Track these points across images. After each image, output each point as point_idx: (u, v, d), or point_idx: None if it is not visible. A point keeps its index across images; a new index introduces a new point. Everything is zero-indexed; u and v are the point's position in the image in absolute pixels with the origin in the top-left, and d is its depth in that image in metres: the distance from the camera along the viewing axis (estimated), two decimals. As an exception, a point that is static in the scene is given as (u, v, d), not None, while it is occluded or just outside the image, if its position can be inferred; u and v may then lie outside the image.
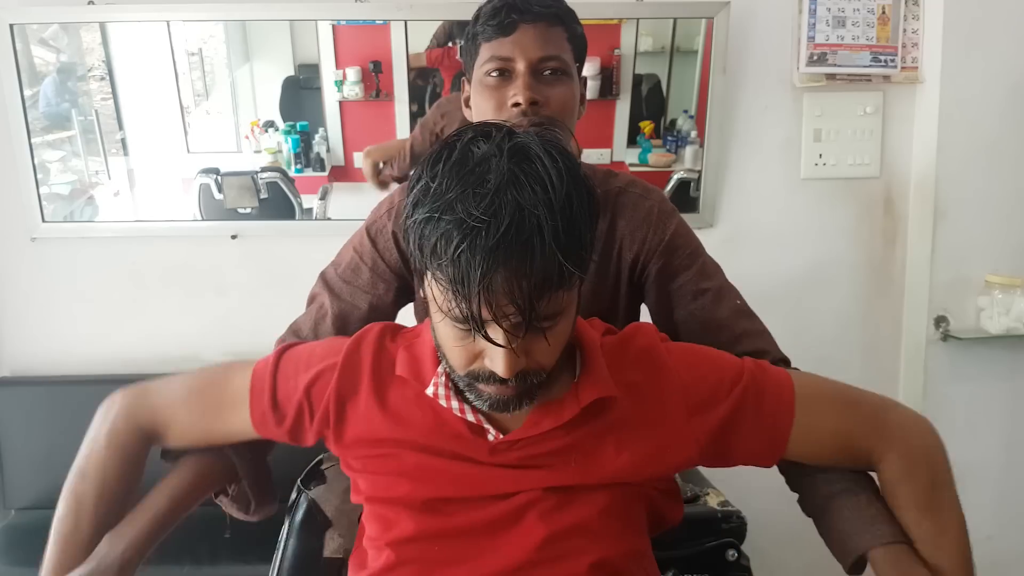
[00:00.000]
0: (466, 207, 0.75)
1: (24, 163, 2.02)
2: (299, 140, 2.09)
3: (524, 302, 0.76)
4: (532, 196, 0.75)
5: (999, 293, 2.05)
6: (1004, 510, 2.23)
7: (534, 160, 0.78)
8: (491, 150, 0.78)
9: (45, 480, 2.09)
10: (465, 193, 0.76)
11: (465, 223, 0.74)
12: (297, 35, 2.07)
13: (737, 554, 1.75)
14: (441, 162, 0.79)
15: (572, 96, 1.13)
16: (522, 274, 0.75)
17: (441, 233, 0.76)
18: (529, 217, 0.75)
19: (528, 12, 1.08)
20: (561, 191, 0.77)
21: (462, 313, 0.77)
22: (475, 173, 0.77)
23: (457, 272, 0.75)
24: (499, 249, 0.74)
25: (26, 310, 2.12)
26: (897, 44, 2.05)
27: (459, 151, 0.79)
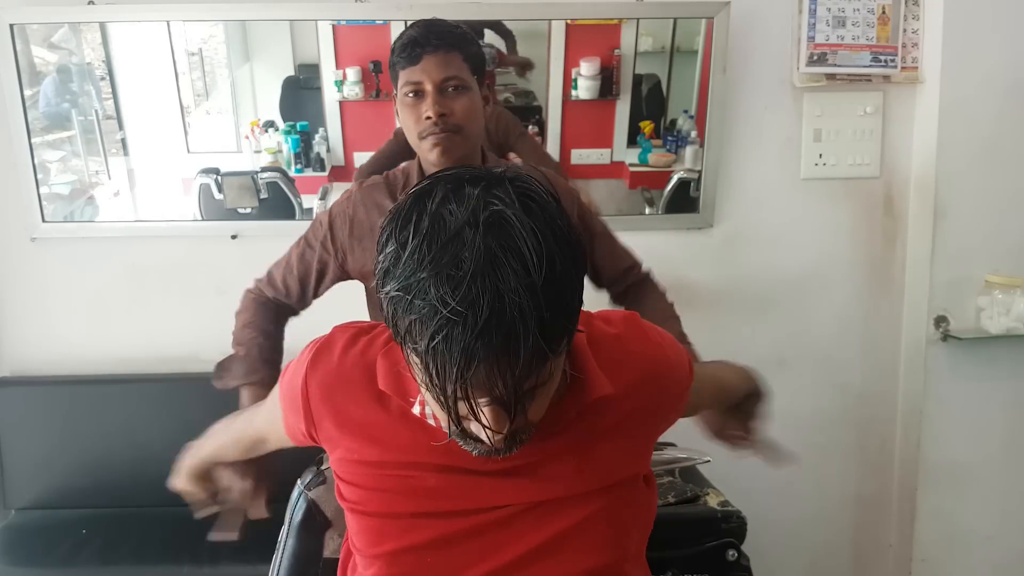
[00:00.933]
0: (440, 293, 0.69)
1: (24, 163, 2.02)
2: (299, 140, 2.09)
3: (507, 391, 0.71)
4: (512, 278, 0.69)
5: (999, 293, 2.05)
6: (1004, 510, 2.23)
7: (511, 228, 0.71)
8: (465, 217, 0.71)
9: (45, 480, 2.10)
10: (439, 276, 0.69)
11: (440, 313, 0.69)
12: (297, 35, 2.07)
13: (737, 554, 1.75)
14: (412, 227, 0.73)
15: (473, 104, 1.40)
16: (504, 367, 0.70)
17: (415, 319, 0.71)
18: (510, 306, 0.69)
19: (429, 44, 1.37)
20: (543, 264, 0.70)
21: (440, 405, 0.74)
22: (448, 250, 0.70)
23: (432, 365, 0.71)
24: (477, 344, 0.68)
25: (26, 310, 2.12)
26: (897, 44, 2.05)
27: (430, 217, 0.72)
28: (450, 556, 0.90)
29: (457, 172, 0.77)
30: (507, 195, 0.73)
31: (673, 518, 1.69)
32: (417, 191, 0.76)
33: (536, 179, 0.77)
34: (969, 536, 2.23)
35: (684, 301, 2.20)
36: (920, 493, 2.21)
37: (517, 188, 0.74)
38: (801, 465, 2.23)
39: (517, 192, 0.73)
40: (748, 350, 2.21)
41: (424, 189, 0.76)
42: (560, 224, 0.74)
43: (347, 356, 0.93)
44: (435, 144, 1.38)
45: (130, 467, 2.08)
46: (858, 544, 2.34)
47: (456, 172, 0.77)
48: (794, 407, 2.24)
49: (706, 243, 2.15)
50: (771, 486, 2.24)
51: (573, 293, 0.75)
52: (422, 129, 1.38)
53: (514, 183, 0.75)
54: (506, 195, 0.73)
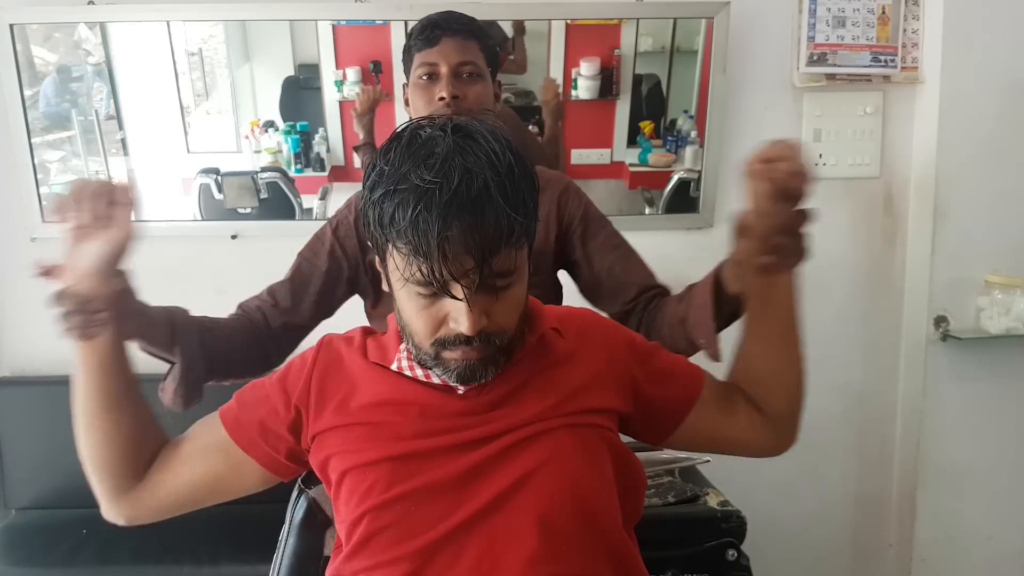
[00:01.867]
0: (419, 174, 0.83)
1: (24, 163, 2.02)
2: (299, 140, 2.09)
3: (479, 254, 0.83)
4: (477, 160, 0.84)
5: (999, 293, 2.05)
6: (1004, 510, 2.23)
7: (477, 137, 0.87)
8: (436, 132, 0.87)
9: (45, 480, 2.10)
10: (416, 164, 0.84)
11: (419, 188, 0.82)
12: (297, 35, 2.07)
13: (737, 554, 1.75)
14: (392, 148, 0.88)
15: (486, 93, 1.42)
16: (475, 228, 0.82)
17: (398, 202, 0.84)
18: (476, 177, 0.83)
19: (448, 28, 1.39)
20: (504, 160, 0.85)
21: (423, 275, 0.84)
22: (424, 147, 0.85)
23: (415, 234, 0.82)
24: (452, 206, 0.82)
25: (26, 310, 2.12)
26: (897, 44, 2.06)
27: (408, 135, 0.88)
28: (434, 502, 0.92)
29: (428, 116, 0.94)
30: (472, 120, 0.90)
31: (673, 518, 1.70)
32: (394, 131, 0.90)
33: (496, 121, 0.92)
34: (969, 536, 2.23)
35: (684, 301, 2.21)
36: (920, 493, 2.21)
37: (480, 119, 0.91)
38: (801, 462, 2.25)
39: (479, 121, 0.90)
40: (748, 350, 2.21)
41: (400, 128, 0.90)
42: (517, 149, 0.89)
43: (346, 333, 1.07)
44: None
45: None
46: (858, 544, 2.34)
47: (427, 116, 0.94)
48: (794, 407, 2.24)
49: (706, 243, 2.15)
50: (771, 486, 2.24)
51: (529, 193, 0.88)
52: (433, 110, 1.35)
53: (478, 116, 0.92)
54: (471, 120, 0.90)
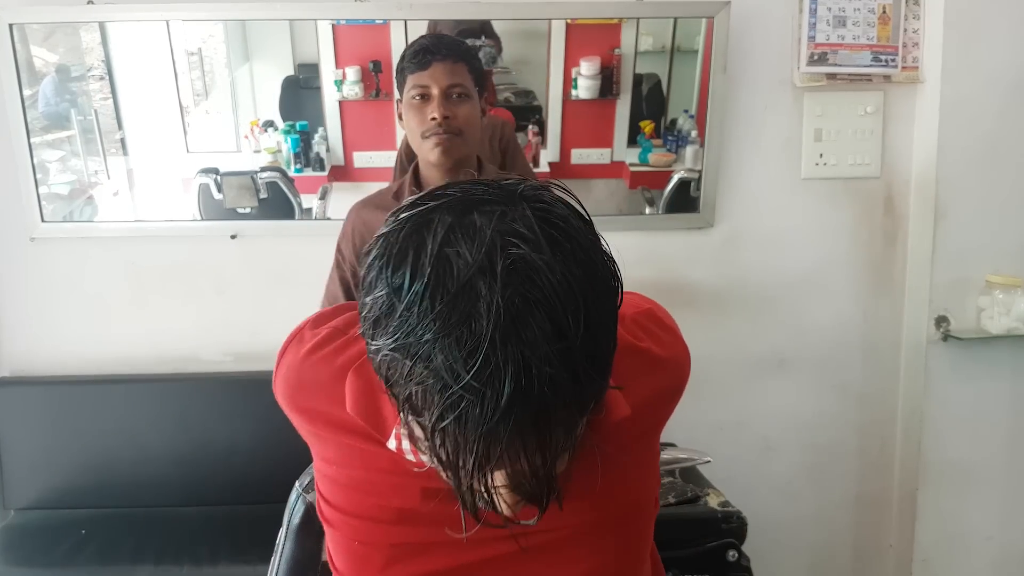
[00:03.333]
0: (450, 363, 0.56)
1: (23, 163, 2.02)
2: (299, 140, 2.09)
3: (535, 480, 0.60)
4: (541, 341, 0.56)
5: (1000, 293, 2.04)
6: (1005, 510, 2.23)
7: (537, 275, 0.57)
8: (478, 261, 0.57)
9: (45, 480, 2.10)
10: (448, 339, 0.56)
11: (450, 388, 0.56)
12: (297, 35, 2.07)
13: (737, 554, 1.75)
14: (408, 269, 0.58)
15: (474, 112, 1.54)
16: (533, 451, 0.58)
17: (418, 389, 0.58)
18: (540, 378, 0.56)
19: (439, 53, 1.51)
20: (579, 319, 0.57)
21: (447, 479, 0.62)
22: (459, 306, 0.56)
23: (442, 446, 0.59)
24: (499, 427, 0.56)
25: (25, 310, 2.12)
26: (898, 44, 2.05)
27: (433, 259, 0.58)
28: None
29: (461, 191, 0.63)
30: (527, 226, 0.59)
31: (673, 518, 1.70)
32: (412, 218, 0.61)
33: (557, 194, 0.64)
34: (970, 536, 2.23)
35: (684, 301, 2.21)
36: (921, 493, 2.20)
37: (538, 213, 0.60)
38: (802, 462, 2.25)
39: (539, 219, 0.60)
40: (748, 350, 2.21)
41: (421, 216, 0.61)
42: (594, 257, 0.61)
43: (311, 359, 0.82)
44: (437, 143, 1.50)
45: (130, 467, 2.08)
46: (858, 544, 2.33)
47: (459, 191, 0.63)
48: (794, 407, 2.25)
49: (706, 243, 2.15)
50: (771, 486, 2.24)
51: (610, 345, 0.62)
52: (426, 129, 1.50)
53: (533, 205, 0.61)
54: (526, 226, 0.59)
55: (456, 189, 0.64)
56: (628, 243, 2.13)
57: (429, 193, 0.64)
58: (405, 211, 0.63)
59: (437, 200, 0.62)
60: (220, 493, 2.06)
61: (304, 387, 0.82)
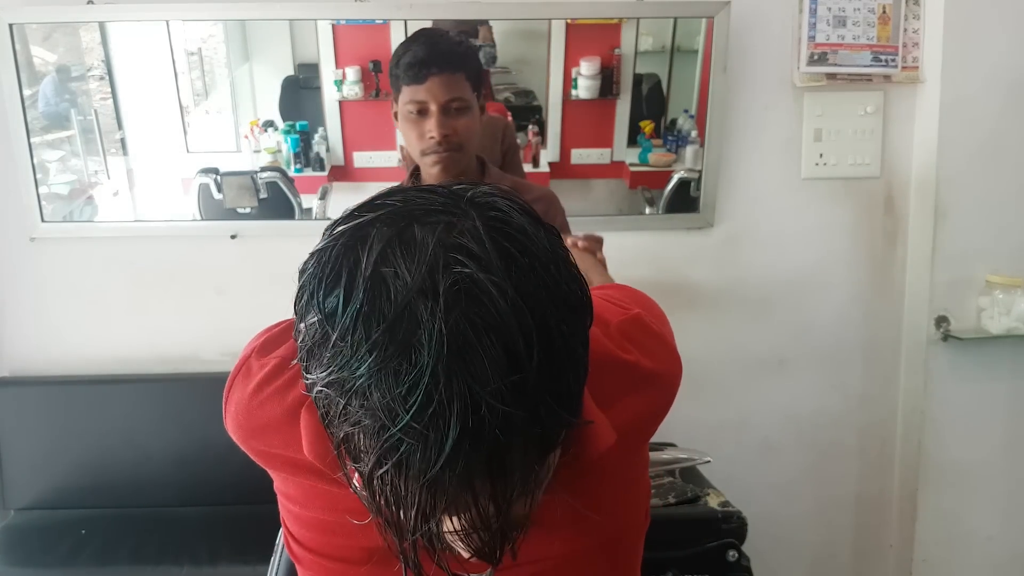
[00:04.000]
0: (387, 401, 0.48)
1: (23, 163, 2.02)
2: (298, 140, 2.09)
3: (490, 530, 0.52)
4: (492, 373, 0.48)
5: (1000, 293, 2.04)
6: (1005, 510, 2.23)
7: (486, 295, 0.49)
8: (418, 281, 0.49)
9: (45, 480, 2.09)
10: (384, 373, 0.48)
11: (388, 431, 0.48)
12: (297, 35, 2.07)
13: (737, 554, 1.75)
14: (340, 291, 0.51)
15: (474, 123, 1.47)
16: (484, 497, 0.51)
17: (354, 431, 0.51)
18: (490, 416, 0.48)
19: (435, 65, 1.40)
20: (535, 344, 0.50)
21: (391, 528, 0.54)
22: (396, 334, 0.49)
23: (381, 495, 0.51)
24: (444, 476, 0.49)
25: (25, 310, 2.12)
26: (898, 44, 2.05)
27: (368, 279, 0.50)
28: None
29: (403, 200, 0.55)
30: (475, 238, 0.51)
31: (673, 518, 1.70)
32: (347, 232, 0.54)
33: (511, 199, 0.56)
34: (970, 536, 2.23)
35: (685, 301, 2.21)
36: (921, 493, 2.20)
37: (490, 223, 0.53)
38: (802, 462, 2.25)
39: (490, 230, 0.52)
40: (748, 350, 2.21)
41: (357, 230, 0.53)
42: (557, 273, 0.53)
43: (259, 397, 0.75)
44: (436, 162, 1.45)
45: (129, 467, 2.08)
46: (859, 545, 2.33)
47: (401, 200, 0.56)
48: (794, 407, 2.24)
49: (706, 243, 2.15)
50: (772, 486, 2.24)
51: (578, 374, 0.54)
52: (425, 147, 1.45)
53: (484, 214, 0.53)
54: (474, 239, 0.51)
55: (398, 198, 0.56)
56: (628, 243, 2.13)
57: (368, 202, 0.56)
58: (340, 224, 0.55)
59: (376, 211, 0.54)
60: (220, 493, 2.06)
61: (256, 430, 0.75)
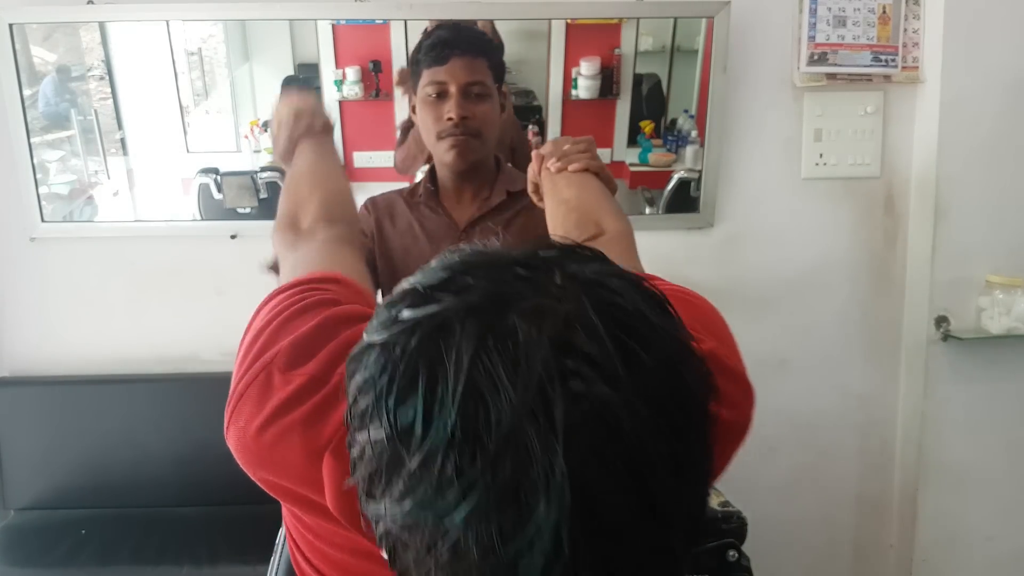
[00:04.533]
0: (493, 561, 0.38)
1: (23, 163, 2.02)
2: (298, 140, 2.09)
3: None
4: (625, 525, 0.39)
5: (1000, 293, 2.04)
6: (1006, 511, 2.23)
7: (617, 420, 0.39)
8: (528, 403, 0.38)
9: (44, 480, 2.09)
10: (484, 526, 0.38)
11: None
12: (297, 35, 2.07)
13: (737, 554, 1.75)
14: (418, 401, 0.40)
15: (493, 110, 1.44)
16: None
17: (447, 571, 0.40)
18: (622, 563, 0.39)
19: (458, 47, 1.39)
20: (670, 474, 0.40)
21: None
22: (501, 476, 0.38)
23: None
24: None
25: (25, 310, 2.12)
26: (898, 44, 2.05)
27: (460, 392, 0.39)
28: None
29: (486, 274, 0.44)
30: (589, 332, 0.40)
31: (673, 519, 1.69)
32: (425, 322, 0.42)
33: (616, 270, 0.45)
34: (970, 537, 2.23)
35: (684, 301, 2.21)
36: (921, 494, 2.20)
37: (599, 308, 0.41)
38: (802, 463, 2.25)
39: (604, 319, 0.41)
40: (748, 350, 2.19)
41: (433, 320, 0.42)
42: (685, 372, 0.43)
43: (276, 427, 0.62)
44: (452, 145, 1.41)
45: (129, 467, 2.08)
46: (859, 545, 2.33)
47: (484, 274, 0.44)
48: (795, 408, 2.24)
49: (706, 243, 2.15)
50: (772, 487, 2.24)
51: (706, 501, 0.45)
52: (442, 129, 1.41)
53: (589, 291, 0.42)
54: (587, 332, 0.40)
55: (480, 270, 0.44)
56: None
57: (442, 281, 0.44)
58: (407, 308, 0.43)
59: (456, 294, 0.43)
60: (220, 493, 2.05)
61: (268, 462, 0.64)
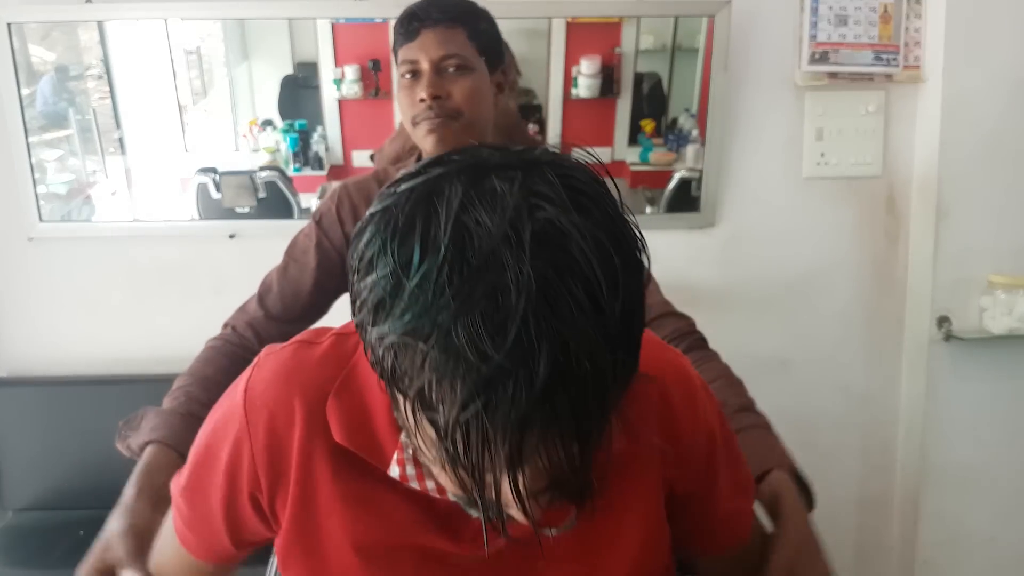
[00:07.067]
0: (475, 343, 0.48)
1: (21, 162, 2.01)
2: (297, 139, 2.08)
3: (566, 475, 0.53)
4: (579, 316, 0.49)
5: (1002, 293, 2.04)
6: (1008, 511, 2.22)
7: (570, 243, 0.51)
8: (501, 230, 0.50)
9: (44, 481, 2.09)
10: (470, 318, 0.48)
11: (476, 371, 0.48)
12: (296, 33, 2.06)
13: (738, 556, 1.74)
14: (418, 240, 0.51)
15: (476, 87, 1.25)
16: (570, 440, 0.51)
17: (433, 378, 0.50)
18: (577, 356, 0.49)
19: (428, 19, 1.23)
20: (616, 291, 0.51)
21: (465, 496, 0.57)
22: (483, 279, 0.49)
23: (462, 442, 0.50)
24: (536, 415, 0.49)
25: (23, 310, 2.11)
26: (899, 43, 2.04)
27: (450, 227, 0.51)
28: None
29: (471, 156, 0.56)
30: (553, 191, 0.53)
31: (674, 520, 1.68)
32: (418, 187, 0.54)
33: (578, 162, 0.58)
34: (972, 537, 2.22)
35: (685, 301, 2.20)
36: (923, 494, 2.20)
37: (562, 178, 0.54)
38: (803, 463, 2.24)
39: (563, 183, 0.53)
40: (750, 350, 2.20)
41: (430, 183, 0.54)
42: (622, 226, 0.55)
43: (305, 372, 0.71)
44: (429, 131, 1.24)
45: (129, 468, 2.04)
46: (860, 545, 2.33)
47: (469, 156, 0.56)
48: (796, 408, 2.23)
49: (707, 243, 2.14)
50: (772, 487, 2.23)
51: (641, 323, 0.56)
52: (416, 113, 1.24)
53: (556, 170, 0.54)
54: (552, 191, 0.53)
55: (465, 155, 0.57)
56: (629, 243, 2.13)
57: (432, 161, 0.57)
58: (406, 181, 0.55)
59: (444, 166, 0.55)
60: (219, 494, 2.06)
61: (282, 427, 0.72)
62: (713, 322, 2.18)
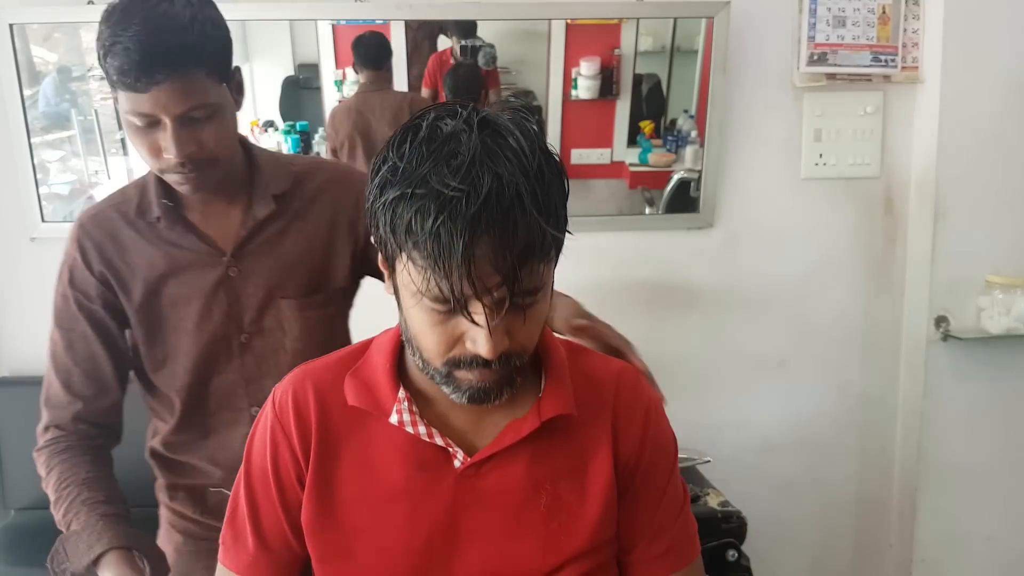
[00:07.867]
0: (441, 178, 0.73)
1: (24, 163, 2.02)
2: (299, 140, 2.09)
3: (508, 271, 0.74)
4: (508, 165, 0.74)
5: (999, 293, 2.05)
6: (1005, 510, 2.23)
7: (505, 134, 0.76)
8: (459, 125, 0.76)
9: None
10: (438, 166, 0.74)
11: (442, 195, 0.72)
12: (297, 35, 2.07)
13: (737, 554, 1.75)
14: (408, 141, 0.77)
15: (226, 125, 1.13)
16: (505, 243, 0.73)
17: (417, 208, 0.73)
18: (508, 184, 0.73)
19: (158, 70, 1.02)
20: (535, 161, 0.76)
21: (442, 291, 0.75)
22: (447, 145, 0.75)
23: (437, 246, 0.72)
24: (481, 218, 0.72)
25: (26, 310, 2.11)
26: (897, 44, 2.05)
27: (426, 129, 0.77)
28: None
29: (448, 104, 0.82)
30: (499, 117, 0.79)
31: (673, 518, 1.69)
32: (408, 122, 0.80)
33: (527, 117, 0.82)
34: (969, 536, 2.23)
35: (684, 301, 2.21)
36: (920, 493, 2.21)
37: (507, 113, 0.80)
38: (801, 463, 2.25)
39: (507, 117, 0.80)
40: (748, 350, 2.21)
41: (416, 117, 0.80)
42: (547, 146, 0.80)
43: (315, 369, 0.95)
44: (183, 183, 1.13)
45: (129, 467, 2.05)
46: (858, 545, 2.34)
47: (447, 104, 0.82)
48: (794, 407, 2.25)
49: (706, 243, 2.15)
50: (771, 486, 2.24)
51: (561, 199, 0.79)
52: (164, 166, 1.11)
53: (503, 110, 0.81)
54: (498, 117, 0.79)
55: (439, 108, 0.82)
56: (628, 243, 2.14)
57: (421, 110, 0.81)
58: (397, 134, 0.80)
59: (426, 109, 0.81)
60: (220, 493, 2.06)
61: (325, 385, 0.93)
62: (712, 322, 2.19)
